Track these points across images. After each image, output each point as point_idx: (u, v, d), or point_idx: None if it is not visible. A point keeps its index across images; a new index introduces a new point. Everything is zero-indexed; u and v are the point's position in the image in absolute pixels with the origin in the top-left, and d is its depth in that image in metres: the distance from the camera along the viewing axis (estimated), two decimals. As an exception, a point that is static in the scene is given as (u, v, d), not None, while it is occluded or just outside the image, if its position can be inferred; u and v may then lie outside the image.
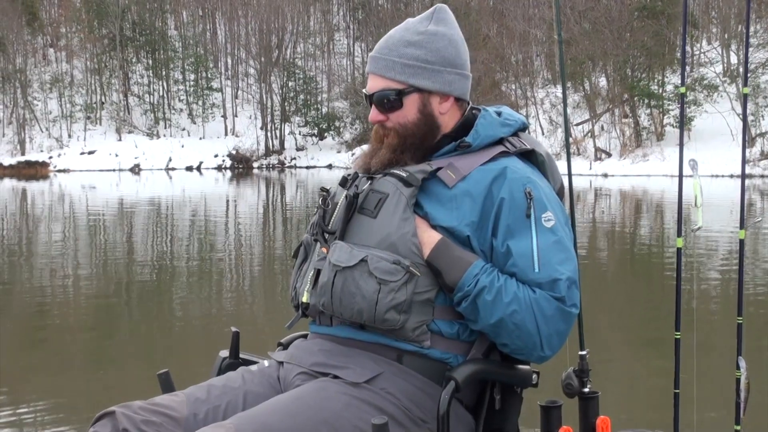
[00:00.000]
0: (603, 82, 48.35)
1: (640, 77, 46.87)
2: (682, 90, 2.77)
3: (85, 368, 7.83)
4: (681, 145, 2.81)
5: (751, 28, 45.95)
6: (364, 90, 2.65)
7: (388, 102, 2.58)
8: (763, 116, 42.48)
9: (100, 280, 12.84)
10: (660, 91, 46.37)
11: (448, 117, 2.63)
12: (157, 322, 9.86)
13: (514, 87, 51.51)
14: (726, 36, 47.49)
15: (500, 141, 2.60)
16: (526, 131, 2.70)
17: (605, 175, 40.64)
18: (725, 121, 40.38)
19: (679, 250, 2.72)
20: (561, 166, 2.70)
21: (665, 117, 45.39)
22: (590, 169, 41.98)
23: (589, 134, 45.84)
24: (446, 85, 2.61)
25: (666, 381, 2.94)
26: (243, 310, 10.34)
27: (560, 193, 2.66)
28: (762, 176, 37.35)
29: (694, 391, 2.86)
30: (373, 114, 2.61)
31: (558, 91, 50.01)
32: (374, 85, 2.61)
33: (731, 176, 35.74)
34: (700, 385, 3.25)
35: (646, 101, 46.12)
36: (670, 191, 30.50)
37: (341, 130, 58.29)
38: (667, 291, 10.83)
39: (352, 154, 52.36)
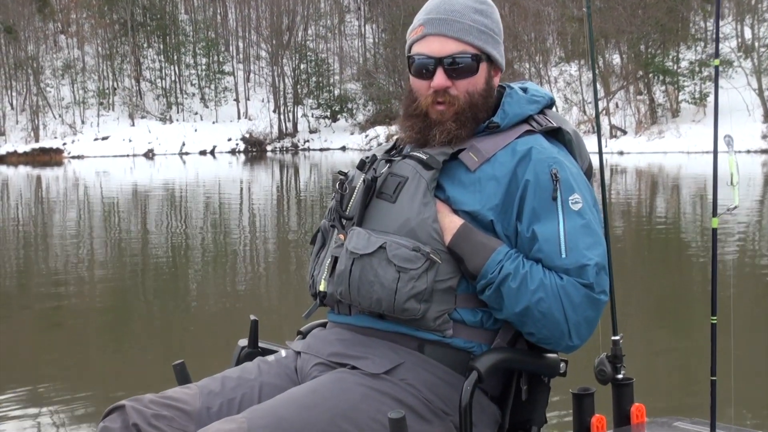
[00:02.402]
0: (617, 59, 48.09)
1: (655, 54, 46.61)
2: (716, 62, 2.66)
3: (102, 357, 7.78)
4: (716, 120, 2.69)
5: (765, 2, 45.69)
6: (420, 53, 2.49)
7: (464, 67, 2.46)
8: (779, 91, 42.17)
9: (116, 266, 12.80)
10: (675, 67, 46.09)
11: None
12: (174, 310, 9.80)
13: (528, 66, 51.27)
14: (739, 11, 47.10)
15: (526, 119, 2.50)
16: (553, 107, 2.59)
17: (621, 153, 40.46)
18: (741, 96, 40.10)
19: (714, 230, 2.62)
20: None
21: (680, 93, 45.09)
22: (605, 146, 41.66)
23: (604, 112, 45.61)
24: (502, 57, 2.55)
25: (702, 367, 2.82)
26: (262, 297, 10.27)
27: (588, 173, 2.56)
28: (779, 152, 37.11)
29: (731, 378, 2.76)
30: (441, 79, 2.46)
31: (572, 69, 49.83)
32: (445, 48, 2.46)
33: (748, 152, 35.52)
34: (738, 372, 3.15)
35: (661, 78, 45.86)
36: (687, 168, 30.38)
37: (354, 111, 58.21)
38: (699, 272, 10.66)
39: (366, 136, 52.34)
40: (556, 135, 2.52)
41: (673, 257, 12.54)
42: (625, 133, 44.52)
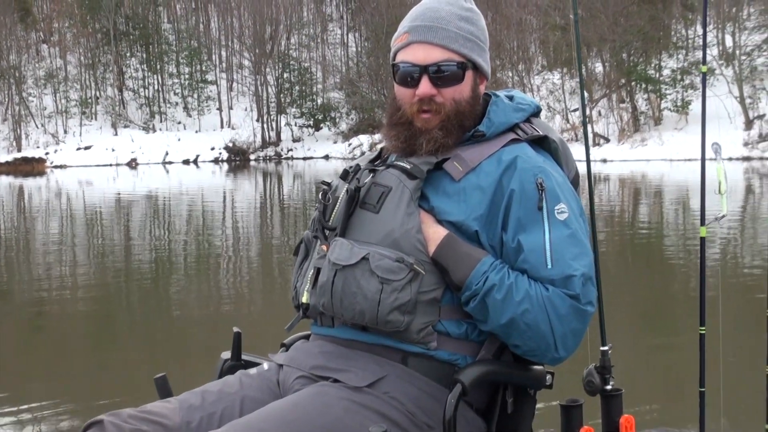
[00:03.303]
0: (599, 67, 48.23)
1: (637, 62, 46.78)
2: (704, 69, 2.63)
3: (84, 368, 7.70)
4: (703, 127, 2.66)
5: (745, 11, 45.97)
6: (405, 60, 2.45)
7: (450, 75, 2.42)
8: (760, 98, 42.38)
9: (99, 277, 12.71)
10: (657, 75, 46.28)
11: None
12: (157, 321, 9.71)
13: (510, 74, 51.37)
14: (720, 19, 47.35)
15: (512, 127, 2.47)
16: (539, 116, 2.56)
17: (604, 161, 40.53)
18: (723, 104, 40.25)
19: (702, 240, 2.59)
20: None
21: (662, 101, 45.27)
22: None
23: (587, 120, 45.67)
24: (487, 65, 2.52)
25: (692, 377, 2.79)
26: (246, 308, 10.18)
27: (575, 182, 2.53)
28: (761, 159, 37.25)
29: (721, 389, 2.72)
30: (426, 87, 2.42)
31: (555, 77, 49.92)
32: (430, 55, 2.43)
33: (730, 159, 35.65)
34: (727, 383, 3.10)
35: (644, 86, 46.03)
36: (670, 175, 30.47)
37: (337, 120, 58.14)
38: (687, 280, 10.59)
39: (349, 145, 52.31)
40: (542, 143, 2.49)
41: (660, 266, 12.47)
42: (608, 141, 44.61)
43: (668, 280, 11.24)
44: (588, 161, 2.76)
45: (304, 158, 54.60)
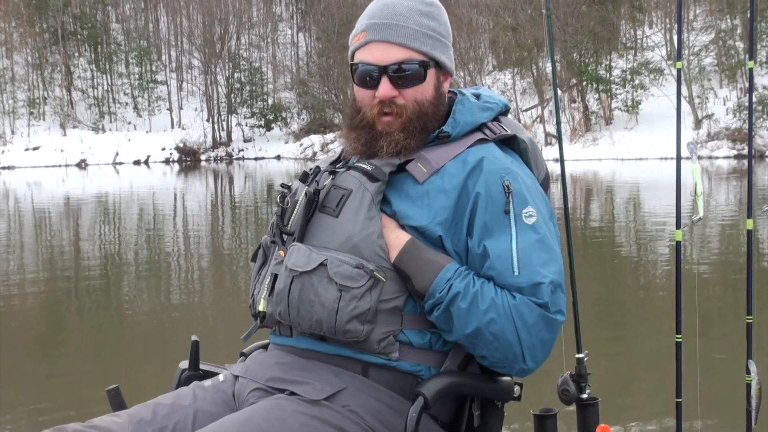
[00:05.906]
0: (550, 67, 48.53)
1: (588, 62, 47.19)
2: (679, 65, 2.55)
3: (29, 379, 7.50)
4: (678, 126, 2.59)
5: (691, 12, 46.63)
6: (363, 60, 2.33)
7: (411, 74, 2.31)
8: (708, 98, 42.92)
9: (48, 283, 12.46)
10: (607, 75, 46.74)
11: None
12: (110, 329, 9.50)
13: (462, 74, 51.54)
14: (668, 20, 47.95)
15: (479, 127, 2.36)
16: (507, 114, 2.45)
17: (556, 160, 40.70)
18: (672, 103, 40.65)
19: (678, 243, 2.51)
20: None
21: (613, 101, 45.73)
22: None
23: (539, 119, 46.02)
24: (451, 61, 2.41)
25: (670, 386, 2.71)
26: (204, 315, 10.00)
27: (545, 184, 2.44)
28: (710, 158, 37.65)
29: (698, 398, 2.65)
30: (386, 88, 2.30)
31: (506, 77, 50.21)
32: (389, 55, 2.31)
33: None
34: (705, 392, 3.03)
35: (594, 86, 46.47)
36: (621, 174, 30.68)
37: (288, 120, 58.05)
38: (662, 285, 10.53)
39: (300, 145, 52.29)
40: (511, 143, 2.39)
41: (632, 269, 12.36)
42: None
43: (645, 285, 11.14)
44: (561, 159, 2.68)
45: (256, 158, 54.46)
